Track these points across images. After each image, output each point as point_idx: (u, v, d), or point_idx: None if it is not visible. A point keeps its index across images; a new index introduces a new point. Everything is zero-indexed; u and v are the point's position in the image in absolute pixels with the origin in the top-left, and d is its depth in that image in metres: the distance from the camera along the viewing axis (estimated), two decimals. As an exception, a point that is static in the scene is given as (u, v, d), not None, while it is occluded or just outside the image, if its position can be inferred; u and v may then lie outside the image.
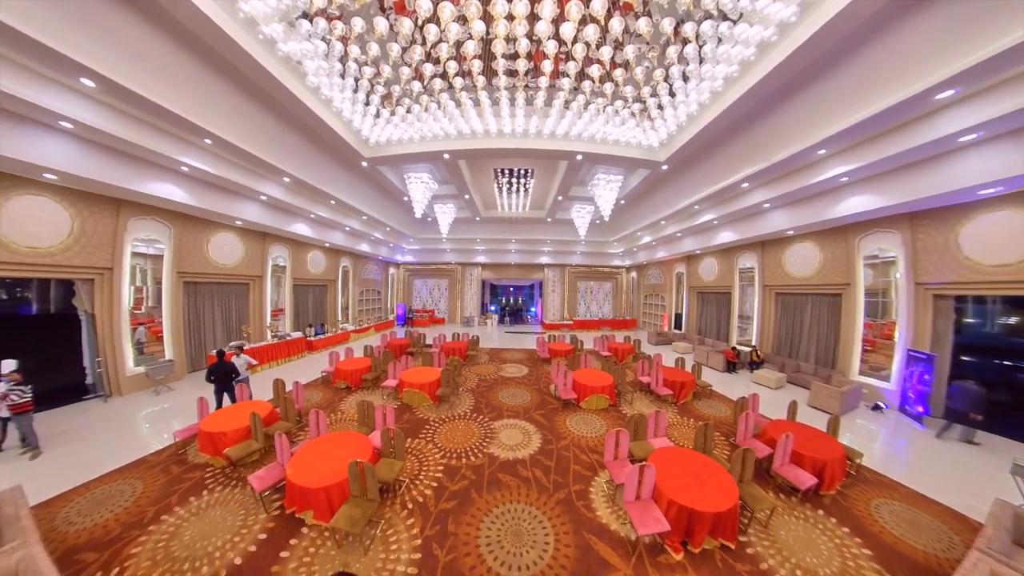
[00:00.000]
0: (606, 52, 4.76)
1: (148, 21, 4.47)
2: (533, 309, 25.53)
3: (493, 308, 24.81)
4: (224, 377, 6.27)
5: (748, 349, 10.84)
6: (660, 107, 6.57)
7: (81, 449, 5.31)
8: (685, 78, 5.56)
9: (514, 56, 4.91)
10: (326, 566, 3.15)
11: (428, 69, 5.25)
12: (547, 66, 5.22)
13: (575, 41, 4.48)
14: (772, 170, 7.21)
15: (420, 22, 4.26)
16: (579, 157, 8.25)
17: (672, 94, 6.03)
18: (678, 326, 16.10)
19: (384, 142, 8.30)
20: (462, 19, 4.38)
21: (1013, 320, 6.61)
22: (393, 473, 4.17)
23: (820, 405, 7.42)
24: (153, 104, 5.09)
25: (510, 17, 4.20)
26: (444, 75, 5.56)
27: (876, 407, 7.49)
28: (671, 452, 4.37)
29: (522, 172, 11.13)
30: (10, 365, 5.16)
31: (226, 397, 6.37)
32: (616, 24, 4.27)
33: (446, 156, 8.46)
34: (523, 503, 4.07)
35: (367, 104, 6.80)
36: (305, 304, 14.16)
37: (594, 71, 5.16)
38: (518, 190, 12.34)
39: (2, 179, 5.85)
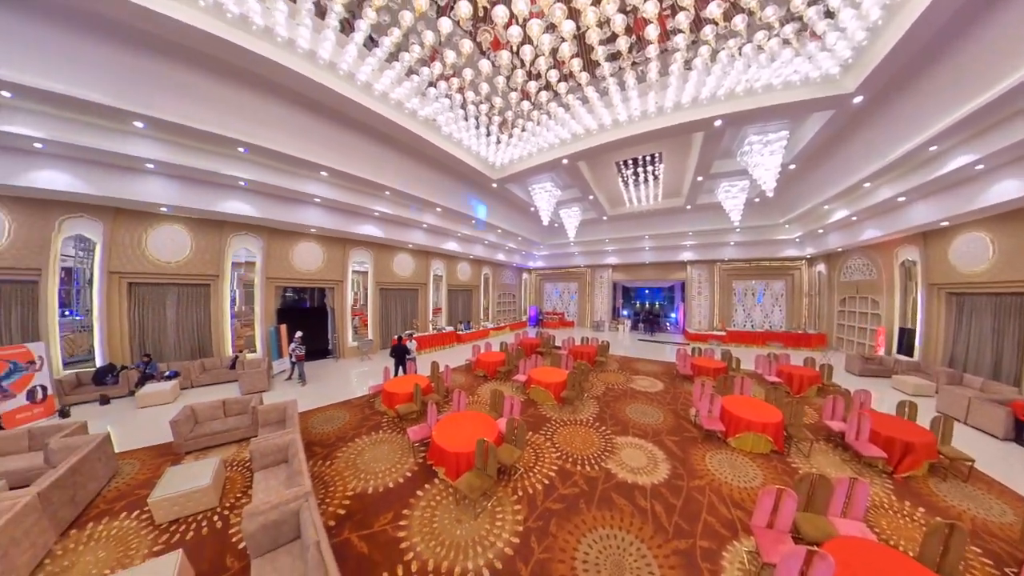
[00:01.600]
0: None
1: (352, 129, 7.31)
2: (673, 315, 22.69)
3: (626, 313, 23.41)
4: (400, 355, 8.58)
5: None
6: (829, 14, 4.52)
7: (323, 387, 8.61)
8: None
9: (612, 38, 4.44)
10: (444, 515, 3.82)
11: (532, 86, 5.48)
12: (652, 31, 4.36)
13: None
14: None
15: (515, 48, 4.45)
16: (718, 123, 6.50)
17: (846, -14, 4.06)
18: (905, 349, 10.51)
19: (507, 163, 9.36)
20: (551, 27, 4.36)
21: None
22: (512, 458, 4.48)
23: None
24: (361, 179, 8.29)
25: (596, 1, 3.94)
26: (548, 86, 5.53)
27: None
28: (868, 548, 2.85)
29: (647, 159, 9.75)
30: (299, 333, 9.10)
31: (400, 369, 8.66)
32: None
33: (564, 162, 8.58)
34: (633, 535, 3.57)
35: (488, 135, 7.97)
36: (456, 305, 17.36)
37: (713, 9, 3.98)
38: (646, 179, 10.90)
39: (293, 234, 10.71)
